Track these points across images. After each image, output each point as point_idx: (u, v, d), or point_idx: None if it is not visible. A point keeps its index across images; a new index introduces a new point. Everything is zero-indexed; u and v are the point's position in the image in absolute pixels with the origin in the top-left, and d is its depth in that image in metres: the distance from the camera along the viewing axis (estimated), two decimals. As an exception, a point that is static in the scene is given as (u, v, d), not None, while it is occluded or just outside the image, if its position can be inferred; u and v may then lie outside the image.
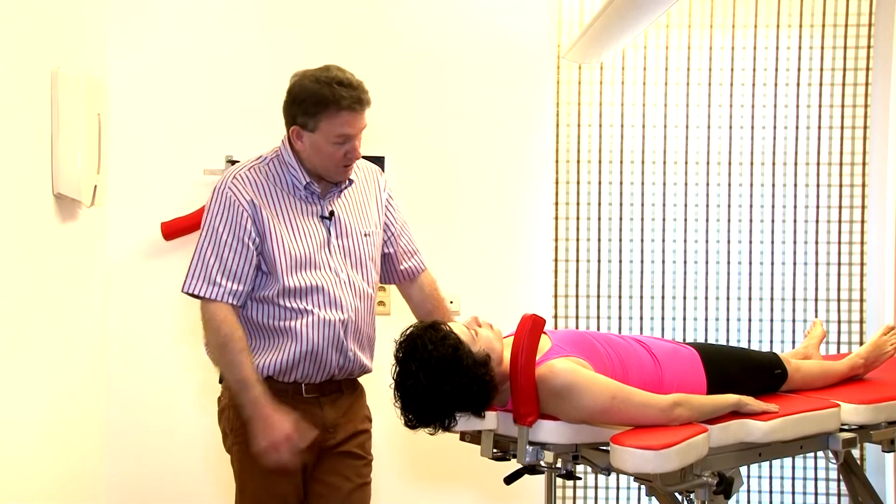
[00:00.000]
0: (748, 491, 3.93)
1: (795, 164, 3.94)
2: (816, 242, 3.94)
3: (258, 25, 3.88)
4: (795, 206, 3.94)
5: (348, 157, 2.41)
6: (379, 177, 2.65)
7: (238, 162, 3.69)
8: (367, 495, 2.59)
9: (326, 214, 2.47)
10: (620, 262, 3.95)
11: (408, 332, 2.29)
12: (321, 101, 2.35)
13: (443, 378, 2.19)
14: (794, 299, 3.94)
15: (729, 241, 3.95)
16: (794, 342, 3.93)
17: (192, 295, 2.38)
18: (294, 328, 2.39)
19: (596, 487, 3.92)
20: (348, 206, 2.52)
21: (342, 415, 2.51)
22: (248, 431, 2.38)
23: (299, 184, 2.44)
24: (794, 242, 3.94)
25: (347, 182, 2.52)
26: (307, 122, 2.38)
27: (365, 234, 2.52)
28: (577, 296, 3.95)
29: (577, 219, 3.94)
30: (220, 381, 2.54)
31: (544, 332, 2.35)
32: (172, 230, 3.75)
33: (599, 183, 3.94)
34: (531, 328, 2.23)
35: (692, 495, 2.32)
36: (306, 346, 2.39)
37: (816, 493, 3.93)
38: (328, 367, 2.45)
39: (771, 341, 3.95)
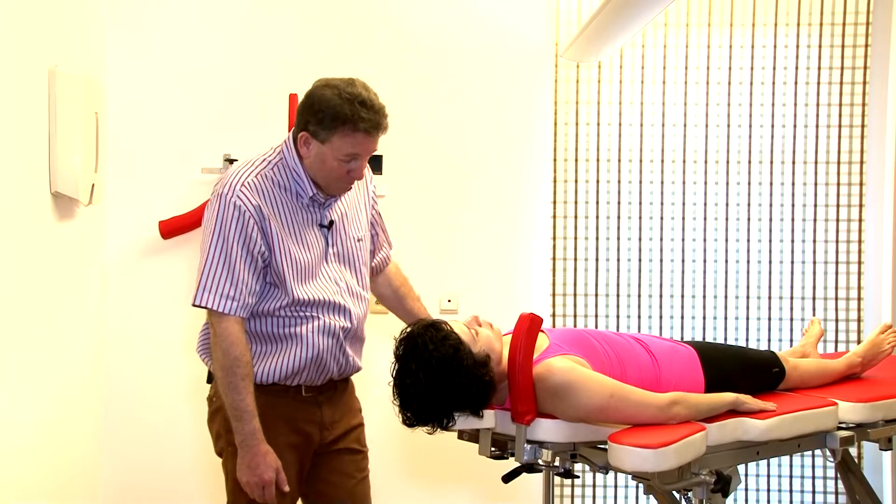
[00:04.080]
0: (746, 489, 3.94)
1: (793, 162, 3.94)
2: (814, 241, 3.94)
3: (256, 24, 3.87)
4: (793, 205, 3.94)
5: (351, 175, 2.37)
6: (368, 178, 2.61)
7: (236, 161, 3.72)
8: (368, 487, 2.62)
9: (326, 223, 2.44)
10: (618, 260, 3.95)
11: (408, 330, 2.29)
12: (338, 117, 2.28)
13: (443, 378, 2.19)
14: (791, 298, 3.95)
15: (727, 240, 3.95)
16: (791, 341, 3.93)
17: (205, 308, 2.33)
18: (300, 334, 2.39)
19: (594, 486, 3.93)
20: (342, 212, 2.50)
21: (338, 411, 2.53)
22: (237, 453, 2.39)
23: (304, 193, 2.40)
24: (792, 241, 3.95)
25: None
26: (319, 132, 2.32)
27: (358, 240, 2.51)
28: (574, 294, 3.95)
29: (575, 217, 3.94)
30: (209, 381, 2.54)
31: (542, 331, 2.35)
32: (170, 229, 3.75)
33: (597, 181, 3.94)
34: (529, 327, 2.23)
35: (690, 494, 2.33)
36: (311, 352, 2.39)
37: (814, 492, 3.94)
38: (329, 372, 2.46)
39: (769, 340, 3.95)
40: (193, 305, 2.33)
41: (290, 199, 2.39)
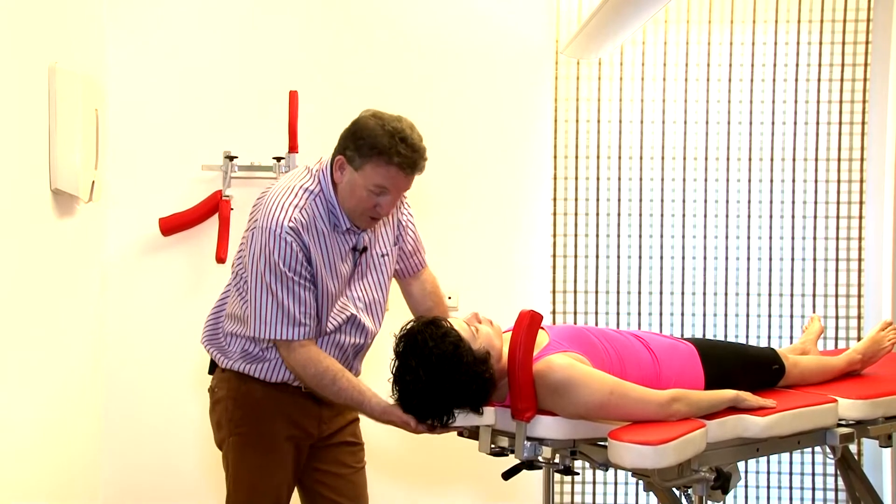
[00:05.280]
0: (746, 486, 3.94)
1: (794, 159, 3.94)
2: (814, 238, 3.94)
3: (256, 21, 3.87)
4: (794, 202, 3.94)
5: (377, 210, 2.37)
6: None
7: (236, 158, 3.73)
8: (365, 477, 2.69)
9: (360, 248, 2.46)
10: (619, 257, 3.95)
11: (408, 327, 2.29)
12: (376, 147, 2.29)
13: (443, 375, 2.19)
14: (791, 295, 3.94)
15: (727, 237, 3.95)
16: (791, 338, 3.93)
17: (279, 340, 2.36)
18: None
19: (594, 483, 3.93)
20: (370, 231, 2.51)
21: (335, 408, 2.57)
22: (250, 422, 2.45)
23: (340, 226, 2.41)
24: (793, 238, 3.94)
25: None
26: (355, 158, 2.32)
27: (383, 255, 2.53)
28: (575, 291, 3.95)
29: (576, 214, 3.94)
30: (211, 372, 2.58)
31: (542, 328, 2.35)
32: (170, 226, 3.75)
33: (598, 179, 3.94)
34: (529, 324, 2.23)
35: (690, 490, 2.33)
36: None
37: (814, 489, 3.93)
38: None
39: (769, 337, 3.95)
40: (261, 338, 2.37)
41: (328, 229, 2.40)
